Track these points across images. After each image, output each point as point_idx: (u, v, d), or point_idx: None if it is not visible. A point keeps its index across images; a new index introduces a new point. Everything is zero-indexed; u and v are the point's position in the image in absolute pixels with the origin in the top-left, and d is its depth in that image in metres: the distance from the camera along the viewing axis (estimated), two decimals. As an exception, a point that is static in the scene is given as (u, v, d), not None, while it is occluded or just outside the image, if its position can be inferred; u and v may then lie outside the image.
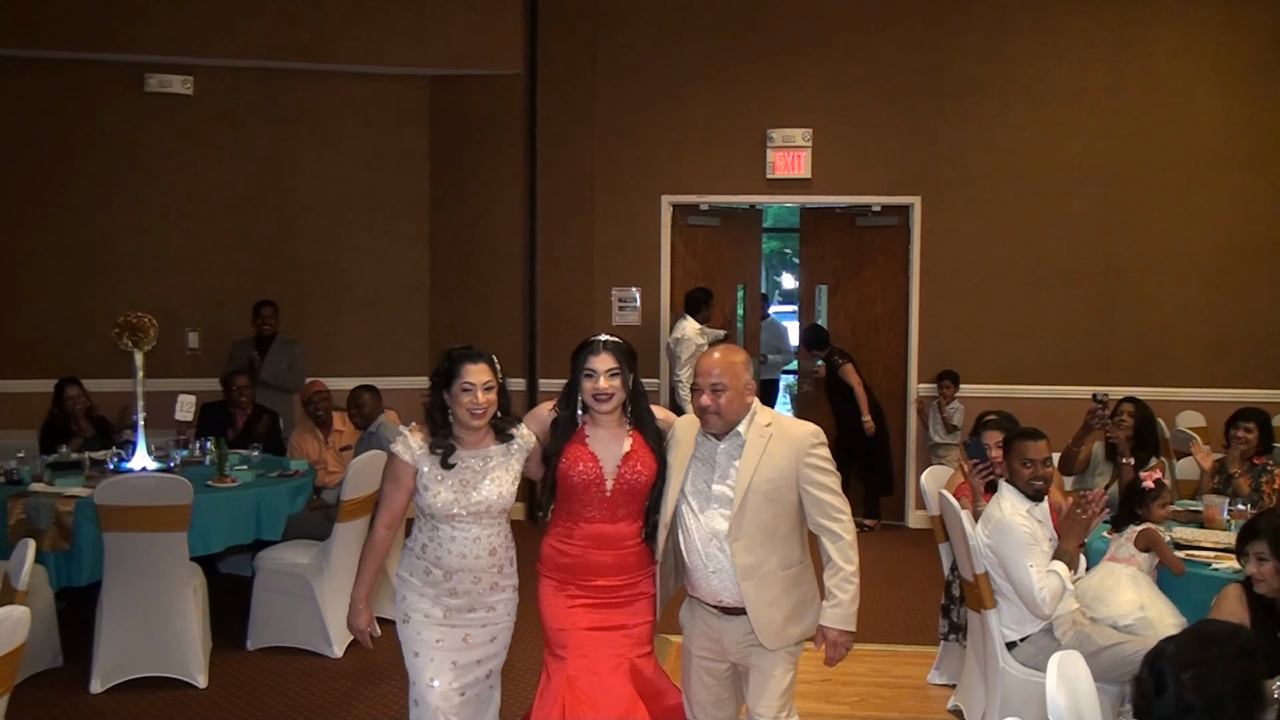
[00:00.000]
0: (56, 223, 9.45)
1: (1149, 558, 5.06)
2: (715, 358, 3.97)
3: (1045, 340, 9.63)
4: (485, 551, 4.00)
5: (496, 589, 4.07)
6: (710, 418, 3.92)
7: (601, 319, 10.02)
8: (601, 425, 4.07)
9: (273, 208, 9.78)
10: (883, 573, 8.22)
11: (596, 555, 4.05)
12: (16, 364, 9.26)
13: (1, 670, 3.52)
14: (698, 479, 4.01)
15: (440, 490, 3.92)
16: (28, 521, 5.98)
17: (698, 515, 3.97)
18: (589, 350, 4.03)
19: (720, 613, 4.00)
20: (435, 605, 4.01)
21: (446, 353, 4.04)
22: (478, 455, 3.99)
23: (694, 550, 3.98)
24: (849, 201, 10.06)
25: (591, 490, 4.01)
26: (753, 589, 3.87)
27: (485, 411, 3.92)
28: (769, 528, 3.90)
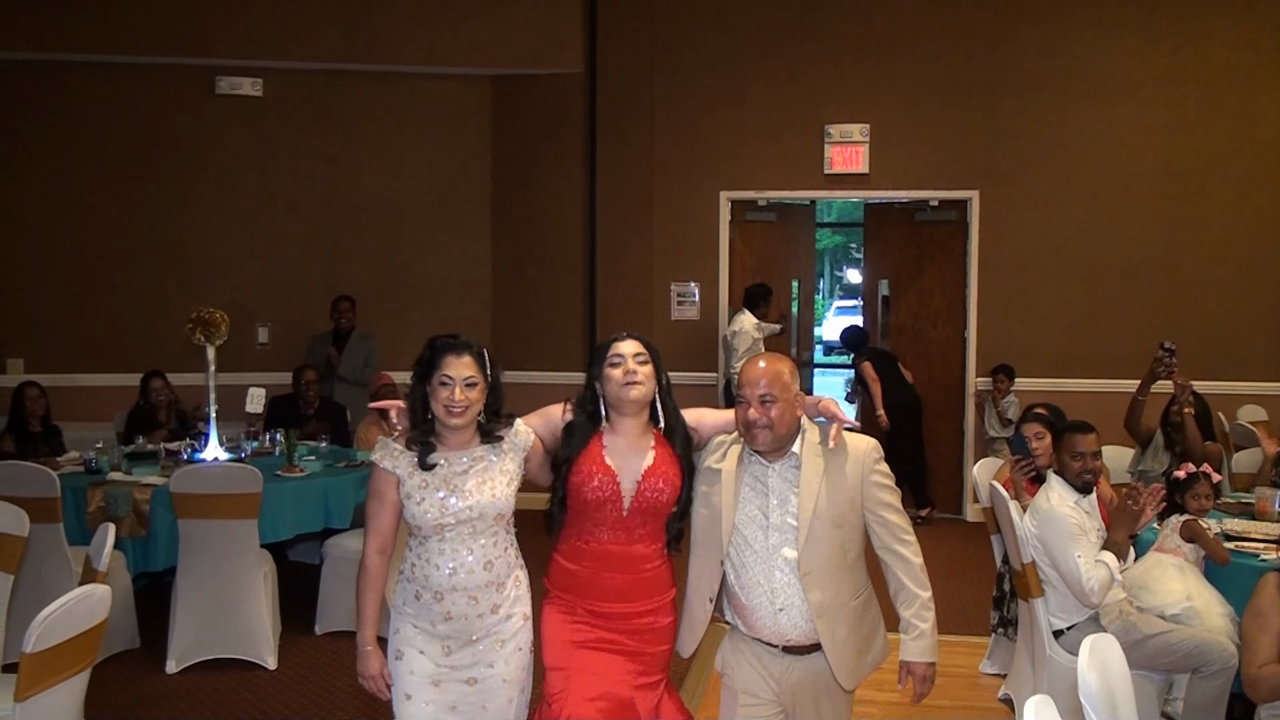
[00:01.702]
0: (134, 222, 9.75)
1: (1194, 548, 5.09)
2: (761, 366, 3.55)
3: (1103, 334, 9.63)
4: (480, 565, 3.48)
5: (499, 613, 3.55)
6: (760, 433, 3.49)
7: (661, 313, 10.18)
8: (622, 433, 3.60)
9: (339, 206, 10.02)
10: (937, 564, 8.28)
11: (608, 577, 3.59)
12: (97, 358, 9.56)
13: (85, 644, 3.65)
14: (750, 507, 3.57)
15: (425, 497, 3.44)
16: (106, 509, 6.23)
17: (754, 548, 3.54)
18: (613, 339, 3.64)
19: (782, 652, 3.58)
20: (431, 640, 3.52)
21: (430, 340, 3.57)
22: (462, 456, 3.52)
23: (754, 588, 3.55)
24: (907, 196, 10.13)
25: (606, 509, 3.54)
26: (827, 626, 3.49)
27: (464, 411, 3.44)
28: (837, 557, 3.51)
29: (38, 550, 5.62)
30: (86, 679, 3.80)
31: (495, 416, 3.58)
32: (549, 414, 3.72)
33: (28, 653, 3.37)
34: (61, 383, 8.80)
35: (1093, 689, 3.02)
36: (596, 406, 3.63)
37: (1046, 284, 9.79)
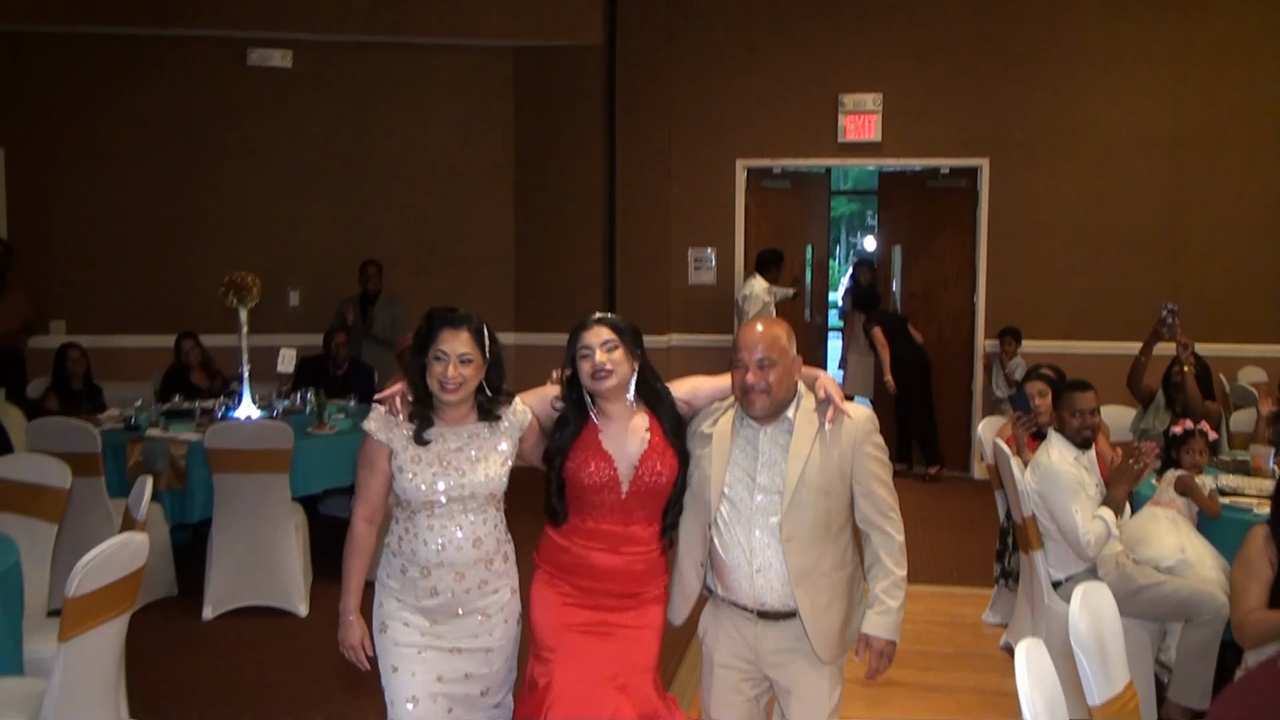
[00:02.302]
0: (170, 190, 9.99)
1: (1188, 502, 5.25)
2: (758, 330, 3.43)
3: (1109, 297, 9.80)
4: (469, 543, 3.41)
5: (487, 589, 3.47)
6: (757, 397, 3.39)
7: (678, 278, 10.39)
8: (613, 417, 3.49)
9: (367, 174, 10.21)
10: (944, 520, 8.57)
11: (599, 557, 3.49)
12: (136, 321, 9.82)
13: (125, 589, 3.80)
14: (737, 468, 3.48)
15: (417, 472, 3.37)
16: (145, 463, 6.47)
17: (738, 507, 3.45)
18: (580, 330, 3.47)
19: (758, 617, 3.49)
20: (416, 613, 3.44)
21: (428, 312, 3.47)
22: (459, 432, 3.44)
23: (734, 546, 3.46)
24: (918, 164, 10.31)
25: (603, 493, 3.45)
26: (807, 594, 3.40)
27: (458, 387, 3.35)
28: (822, 525, 3.41)
29: (80, 502, 5.86)
30: (126, 622, 3.97)
31: (495, 394, 3.49)
32: (545, 393, 3.63)
33: (71, 596, 3.51)
34: (101, 344, 9.04)
35: (1083, 634, 3.09)
36: (581, 398, 3.52)
37: (1054, 249, 9.95)
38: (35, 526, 4.96)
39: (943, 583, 7.04)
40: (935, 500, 9.35)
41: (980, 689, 5.41)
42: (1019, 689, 2.72)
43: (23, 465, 5.18)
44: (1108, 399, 7.27)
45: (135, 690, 4.72)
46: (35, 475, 5.04)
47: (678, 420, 3.56)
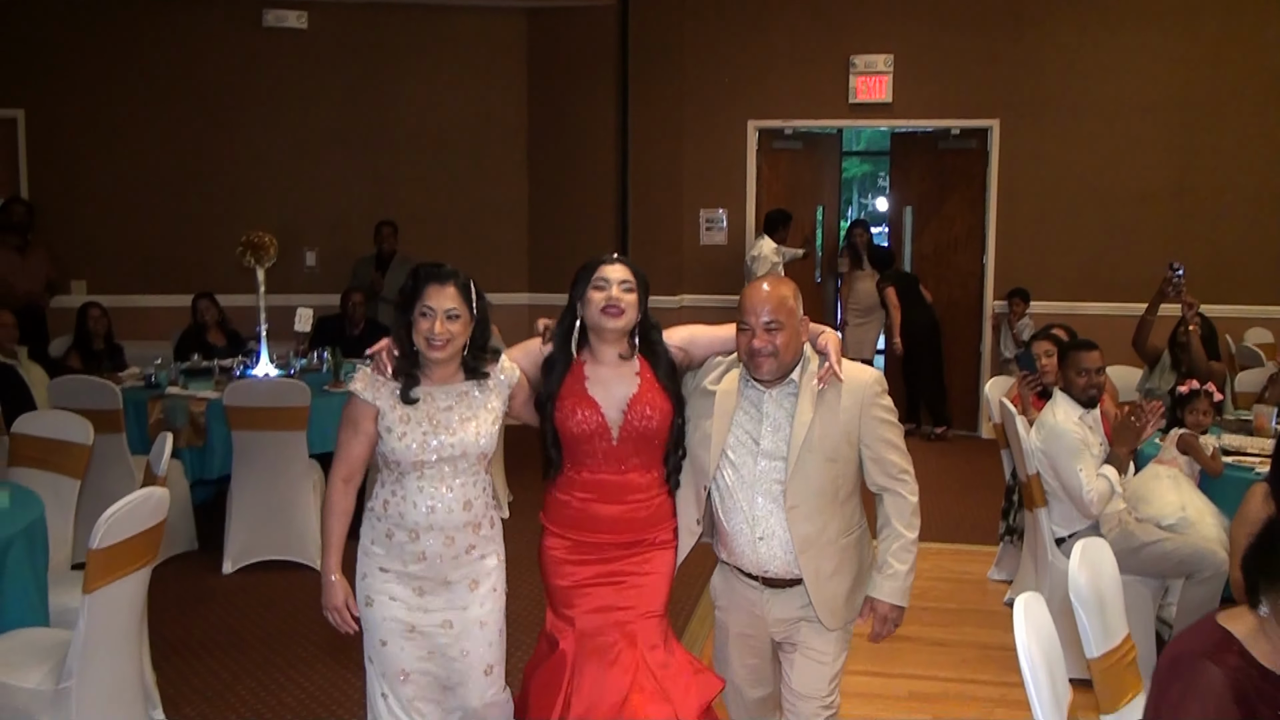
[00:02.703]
0: (187, 151, 10.10)
1: (1190, 461, 5.29)
2: (764, 290, 3.31)
3: (1118, 258, 9.81)
4: (459, 505, 3.32)
5: (474, 554, 3.39)
6: (765, 361, 3.28)
7: (690, 239, 10.44)
8: (604, 361, 3.41)
9: (382, 136, 10.28)
10: (952, 479, 8.66)
11: (600, 508, 3.41)
12: (155, 280, 9.95)
13: (147, 542, 3.89)
14: (740, 430, 3.38)
15: (406, 431, 3.26)
16: (165, 420, 6.58)
17: (741, 472, 3.36)
18: (599, 261, 3.41)
19: (763, 585, 3.42)
20: (402, 583, 3.34)
21: (413, 268, 3.39)
22: (447, 391, 3.35)
23: (736, 513, 3.38)
24: (929, 125, 10.32)
25: (595, 440, 3.36)
26: (811, 562, 3.31)
27: (445, 344, 3.25)
28: (828, 491, 3.30)
29: (102, 459, 5.95)
30: (148, 575, 4.05)
31: (481, 352, 3.39)
32: (529, 347, 3.54)
33: (94, 548, 3.60)
34: (122, 303, 9.15)
35: (1082, 588, 3.20)
36: (570, 333, 3.44)
37: (1063, 210, 9.97)
38: (59, 482, 5.07)
39: (949, 540, 7.13)
40: (943, 460, 9.43)
41: (984, 644, 5.50)
42: (1017, 641, 2.79)
43: (47, 421, 5.29)
44: (1115, 359, 7.33)
45: (157, 641, 4.84)
46: (59, 431, 5.15)
47: (671, 366, 3.46)
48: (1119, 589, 3.34)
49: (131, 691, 4.06)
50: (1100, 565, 3.31)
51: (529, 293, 10.14)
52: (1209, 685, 2.41)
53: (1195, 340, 6.71)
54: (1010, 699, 4.82)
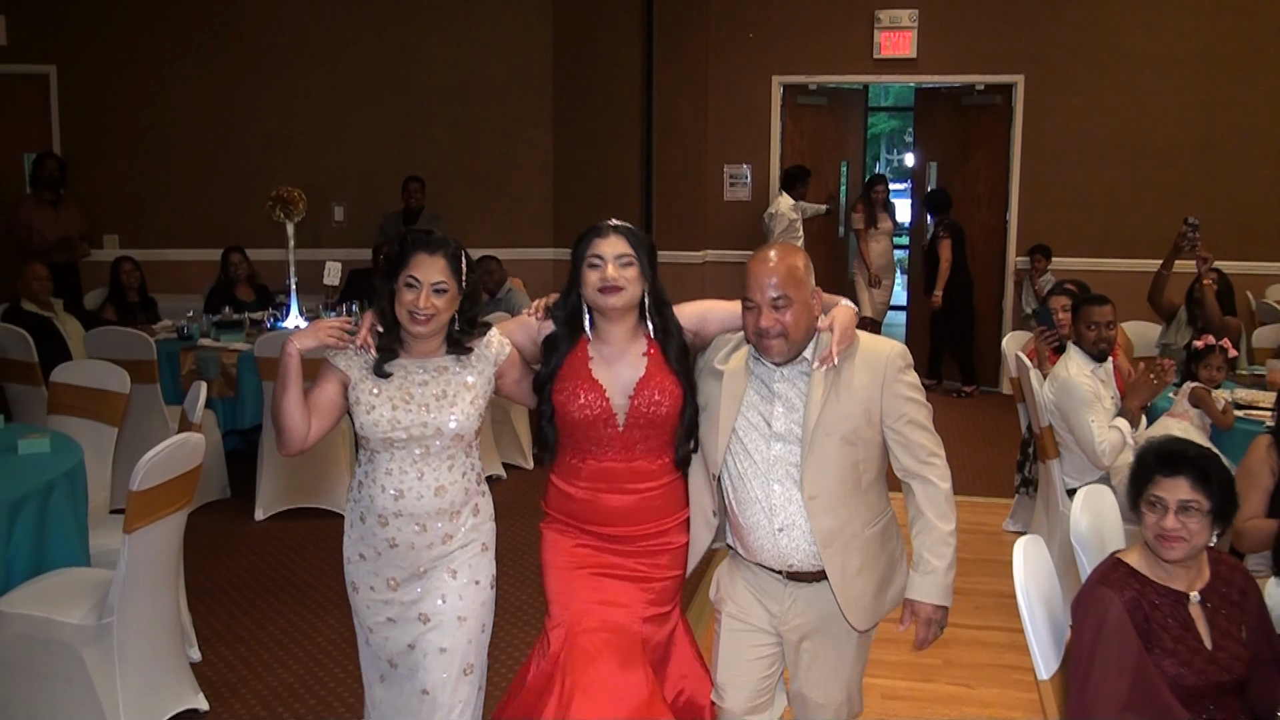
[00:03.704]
0: (217, 107, 10.22)
1: (1200, 414, 5.36)
2: (771, 262, 2.97)
3: (1141, 215, 9.80)
4: (430, 491, 3.06)
5: (452, 543, 3.13)
6: (773, 343, 2.96)
7: (714, 194, 10.50)
8: (609, 340, 3.12)
9: (409, 91, 10.34)
10: (971, 432, 8.78)
11: (608, 499, 3.14)
12: (186, 235, 10.11)
13: (183, 485, 4.04)
14: (752, 412, 3.06)
15: (374, 405, 3.02)
16: (198, 371, 6.76)
17: (754, 459, 3.04)
18: (593, 234, 3.08)
19: (786, 579, 3.10)
20: (377, 572, 3.15)
21: (401, 233, 3.18)
22: (425, 366, 3.10)
23: (751, 503, 3.06)
24: (953, 81, 10.32)
25: (598, 427, 3.09)
26: (836, 557, 2.99)
27: (429, 318, 3.00)
28: (850, 479, 2.99)
29: (137, 408, 6.10)
30: (185, 518, 4.22)
31: (469, 326, 3.14)
32: (526, 322, 3.27)
33: (134, 490, 3.75)
34: (154, 258, 9.29)
35: (1083, 531, 3.31)
36: (578, 310, 3.16)
37: (1087, 166, 9.98)
38: (98, 429, 5.23)
39: (967, 493, 7.23)
40: (965, 414, 9.53)
41: (997, 592, 5.60)
42: (1015, 579, 2.90)
43: (85, 371, 5.46)
44: (1137, 315, 7.41)
45: (192, 585, 5.00)
46: (97, 380, 5.31)
47: (683, 348, 3.16)
48: (1121, 535, 3.43)
49: (169, 629, 4.24)
50: (1102, 510, 3.41)
51: (554, 248, 10.23)
52: (1106, 604, 2.79)
53: (1210, 296, 6.77)
54: (1020, 644, 4.79)
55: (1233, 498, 2.92)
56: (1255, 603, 2.94)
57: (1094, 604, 2.85)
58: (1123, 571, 2.92)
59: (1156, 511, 2.88)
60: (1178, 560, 2.87)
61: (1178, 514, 2.84)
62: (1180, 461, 2.89)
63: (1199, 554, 2.92)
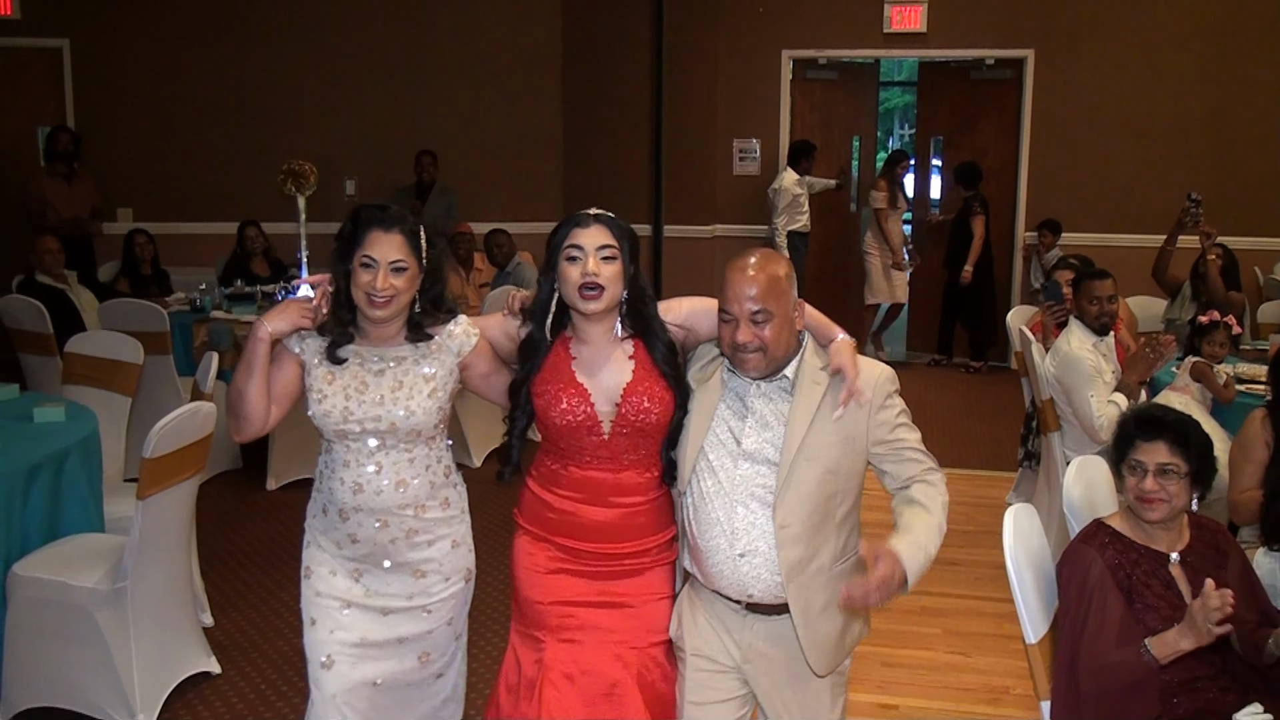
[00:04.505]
0: (229, 81, 10.24)
1: (1201, 388, 5.43)
2: (749, 271, 2.72)
3: (1150, 190, 9.80)
4: (391, 484, 2.87)
5: (417, 539, 2.94)
6: (750, 359, 2.74)
7: (723, 169, 10.55)
8: (589, 340, 2.87)
9: (421, 64, 10.36)
10: (977, 406, 8.84)
11: (590, 512, 2.87)
12: (199, 208, 10.14)
13: (195, 453, 4.12)
14: (721, 428, 2.84)
15: (326, 395, 2.84)
16: (210, 343, 6.84)
17: (719, 477, 2.80)
18: (572, 223, 2.83)
19: (747, 610, 2.85)
20: (338, 559, 2.96)
21: (354, 210, 2.91)
22: (383, 355, 2.89)
23: (711, 525, 2.80)
24: (963, 55, 10.33)
25: (582, 434, 2.83)
26: (800, 593, 2.76)
27: (389, 301, 2.79)
28: (823, 510, 2.77)
29: (150, 380, 6.19)
30: (196, 486, 4.30)
31: (434, 309, 2.94)
32: (496, 319, 3.04)
33: (147, 457, 3.83)
34: (167, 231, 9.31)
35: (1075, 501, 3.37)
36: (552, 310, 2.88)
37: (1097, 141, 9.99)
38: (112, 399, 5.35)
39: (970, 466, 7.30)
40: (971, 389, 9.59)
41: (996, 564, 5.47)
42: (1004, 545, 2.97)
43: (99, 341, 5.56)
44: (1145, 291, 7.45)
45: (205, 553, 5.11)
46: (110, 351, 5.42)
47: (671, 348, 2.90)
48: (1114, 505, 3.44)
49: (181, 594, 4.33)
50: (1095, 482, 3.45)
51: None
52: (1084, 560, 2.93)
53: (1214, 271, 6.80)
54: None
55: (1211, 462, 3.01)
56: (1237, 564, 3.02)
57: (1077, 562, 2.96)
58: (1105, 533, 3.02)
59: (1137, 474, 2.99)
60: (1158, 521, 2.97)
61: (1157, 476, 2.94)
62: (1159, 426, 2.99)
63: (1179, 516, 3.02)
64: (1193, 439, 2.98)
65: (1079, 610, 2.90)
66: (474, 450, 7.15)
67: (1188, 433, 2.99)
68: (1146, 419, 3.04)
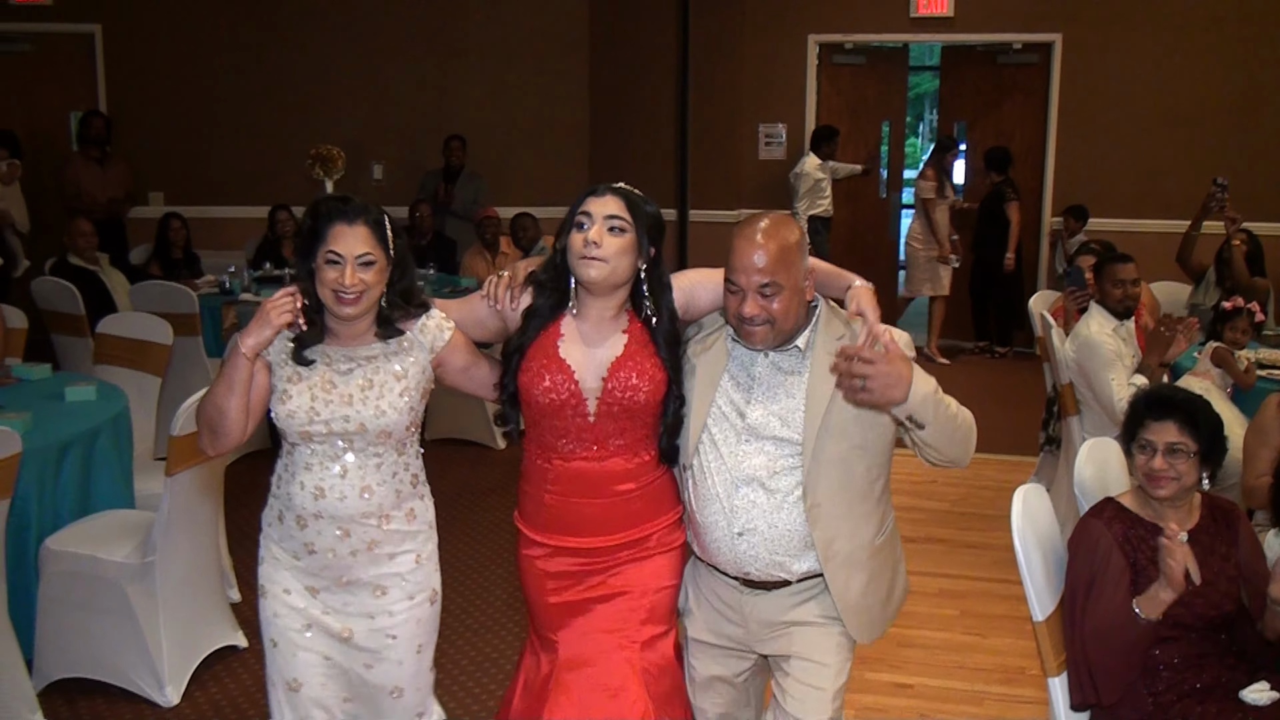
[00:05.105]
0: (257, 66, 10.35)
1: (1222, 373, 5.43)
2: (758, 238, 2.58)
3: (1178, 175, 9.72)
4: (354, 491, 2.72)
5: (379, 552, 2.77)
6: (757, 331, 2.62)
7: (749, 153, 10.56)
8: (587, 316, 2.74)
9: (447, 50, 10.43)
10: (1001, 391, 8.85)
11: (579, 505, 2.76)
12: (228, 192, 10.27)
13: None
14: (724, 401, 2.73)
15: (292, 395, 2.69)
16: (239, 325, 6.92)
17: (720, 452, 2.71)
18: (589, 192, 2.72)
19: (742, 585, 2.78)
20: (295, 575, 2.80)
21: (313, 203, 2.76)
22: (352, 354, 2.74)
23: (710, 501, 2.72)
24: (990, 40, 10.29)
25: (566, 414, 2.70)
26: (840, 572, 2.69)
27: (358, 297, 2.65)
28: (861, 488, 2.69)
29: (180, 360, 6.30)
30: (224, 464, 4.39)
31: (404, 299, 2.79)
32: (473, 302, 2.88)
33: (175, 435, 3.93)
34: (197, 214, 9.39)
35: (1086, 481, 3.40)
36: (562, 280, 2.76)
37: (1124, 126, 9.94)
38: (142, 379, 5.46)
39: (992, 451, 7.29)
40: (996, 375, 9.61)
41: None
42: (1013, 523, 3.02)
43: (130, 323, 5.67)
44: (1169, 275, 7.44)
45: (233, 530, 5.17)
46: (141, 332, 5.52)
47: (674, 333, 2.79)
48: (1125, 485, 3.44)
49: (209, 569, 4.43)
50: (1107, 462, 3.48)
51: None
52: (1093, 534, 2.98)
53: (1238, 256, 6.80)
54: (1035, 597, 5.02)
55: (1221, 441, 3.04)
56: (1249, 544, 3.05)
57: (1086, 536, 3.02)
58: (1113, 508, 3.07)
59: (1146, 453, 3.03)
60: (1166, 498, 3.02)
61: (1165, 455, 2.98)
62: (1169, 406, 3.03)
63: (1189, 495, 3.06)
64: (1202, 419, 3.02)
65: (1086, 578, 2.95)
66: (498, 431, 7.20)
67: (1197, 413, 3.02)
68: (1157, 399, 3.09)
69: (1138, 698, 2.94)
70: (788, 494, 2.68)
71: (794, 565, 2.72)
